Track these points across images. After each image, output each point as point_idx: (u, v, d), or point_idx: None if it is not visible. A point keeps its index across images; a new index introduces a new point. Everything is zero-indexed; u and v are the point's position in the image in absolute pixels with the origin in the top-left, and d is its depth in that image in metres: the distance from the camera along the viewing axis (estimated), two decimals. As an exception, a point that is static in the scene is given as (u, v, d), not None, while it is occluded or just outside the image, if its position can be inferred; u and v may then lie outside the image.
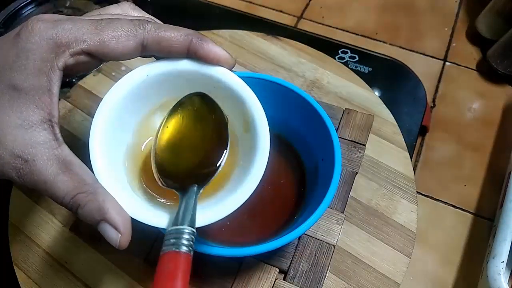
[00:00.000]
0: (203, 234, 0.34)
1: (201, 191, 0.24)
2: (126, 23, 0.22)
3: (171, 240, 0.19)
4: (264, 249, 0.28)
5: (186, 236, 0.19)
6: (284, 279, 0.33)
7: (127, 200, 0.22)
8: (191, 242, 0.19)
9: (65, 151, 0.22)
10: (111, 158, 0.24)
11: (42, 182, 0.21)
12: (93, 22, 0.22)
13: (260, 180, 0.24)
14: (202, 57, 0.25)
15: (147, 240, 0.34)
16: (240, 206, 0.23)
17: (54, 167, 0.21)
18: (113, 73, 0.45)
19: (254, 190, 0.23)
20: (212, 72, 0.26)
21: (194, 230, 0.20)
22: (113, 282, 0.33)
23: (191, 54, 0.25)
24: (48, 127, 0.22)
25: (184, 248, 0.19)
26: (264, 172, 0.24)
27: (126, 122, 0.26)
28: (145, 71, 0.25)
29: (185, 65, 0.25)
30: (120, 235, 0.23)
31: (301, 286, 0.33)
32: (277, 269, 0.34)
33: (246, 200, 0.23)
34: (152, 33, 0.23)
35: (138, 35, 0.22)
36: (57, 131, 0.22)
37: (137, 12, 0.26)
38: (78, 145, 0.41)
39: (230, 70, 0.26)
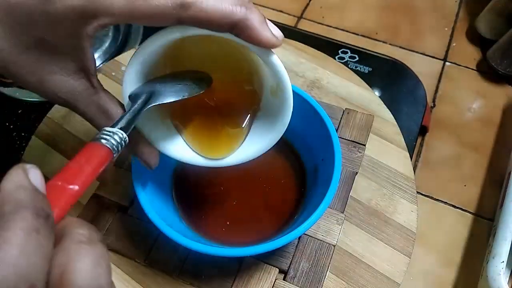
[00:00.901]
0: (203, 234, 0.34)
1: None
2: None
3: (99, 135, 0.20)
4: (264, 249, 0.28)
5: (115, 137, 0.20)
6: (284, 279, 0.33)
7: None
8: (117, 143, 0.20)
9: (103, 98, 0.24)
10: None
11: (86, 119, 0.25)
12: None
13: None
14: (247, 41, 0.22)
15: (147, 241, 0.35)
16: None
17: (93, 111, 0.24)
18: (113, 73, 0.45)
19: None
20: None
21: (125, 135, 0.21)
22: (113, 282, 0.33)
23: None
24: (84, 75, 0.23)
25: (104, 142, 0.19)
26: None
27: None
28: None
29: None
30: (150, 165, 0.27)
31: (301, 286, 0.33)
32: (277, 269, 0.34)
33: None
34: (191, 14, 0.20)
35: (174, 14, 0.20)
36: (94, 80, 0.23)
37: None
38: (78, 145, 0.41)
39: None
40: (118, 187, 0.37)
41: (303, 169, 0.37)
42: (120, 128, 0.21)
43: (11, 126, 0.46)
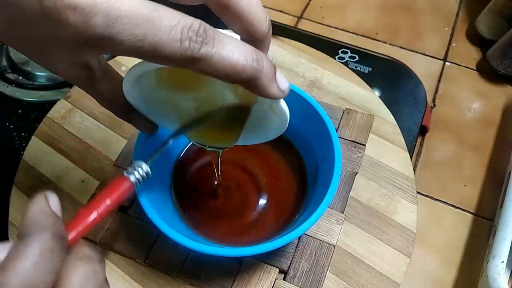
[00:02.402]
0: (203, 234, 0.34)
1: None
2: None
3: (128, 168, 0.23)
4: (264, 249, 0.28)
5: (139, 169, 0.23)
6: (284, 279, 0.33)
7: None
8: (140, 175, 0.23)
9: (104, 86, 0.24)
10: None
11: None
12: None
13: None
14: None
15: (147, 241, 0.34)
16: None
17: (99, 98, 0.25)
18: (113, 73, 0.45)
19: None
20: None
21: (147, 168, 0.23)
22: (113, 282, 0.33)
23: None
24: (86, 67, 0.22)
25: (129, 175, 0.22)
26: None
27: None
28: None
29: None
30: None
31: (301, 286, 0.33)
32: (277, 269, 0.34)
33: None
34: (199, 68, 0.19)
35: (183, 65, 0.19)
36: (98, 72, 0.23)
37: None
38: (78, 145, 0.41)
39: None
40: (118, 187, 0.37)
41: (303, 169, 0.37)
42: (146, 162, 0.23)
43: (11, 126, 0.46)
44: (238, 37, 0.21)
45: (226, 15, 0.19)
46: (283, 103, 0.25)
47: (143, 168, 0.23)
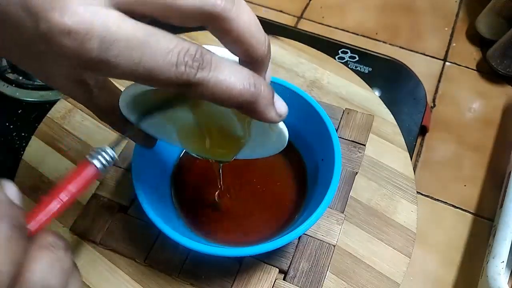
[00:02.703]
0: (203, 234, 0.34)
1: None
2: None
3: (92, 153, 0.22)
4: (264, 249, 0.28)
5: (104, 154, 0.22)
6: (284, 279, 0.33)
7: None
8: (105, 159, 0.22)
9: (101, 100, 0.25)
10: None
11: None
12: None
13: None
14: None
15: (147, 241, 0.34)
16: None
17: (96, 112, 0.26)
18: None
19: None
20: None
21: (112, 152, 0.23)
22: (113, 282, 0.33)
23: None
24: (82, 84, 0.23)
25: (93, 160, 0.22)
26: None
27: None
28: None
29: None
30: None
31: (301, 286, 0.33)
32: (277, 269, 0.34)
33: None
34: (197, 93, 0.18)
35: (179, 90, 0.18)
36: (94, 89, 0.24)
37: None
38: (78, 145, 0.41)
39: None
40: (118, 187, 0.37)
41: (303, 169, 0.37)
42: (112, 147, 0.22)
43: (11, 126, 0.46)
44: (236, 58, 0.20)
45: (225, 38, 0.19)
46: (281, 124, 0.25)
47: (108, 152, 0.22)
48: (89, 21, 0.16)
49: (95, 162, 0.21)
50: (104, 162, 0.22)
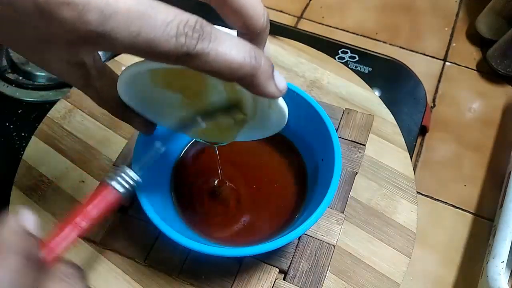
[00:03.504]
0: (203, 234, 0.34)
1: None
2: None
3: (115, 177, 0.21)
4: (264, 249, 0.28)
5: (124, 176, 0.21)
6: (284, 279, 0.33)
7: None
8: (128, 184, 0.21)
9: (100, 86, 0.24)
10: None
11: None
12: None
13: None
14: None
15: (147, 241, 0.34)
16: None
17: (95, 97, 0.25)
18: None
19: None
20: None
21: (136, 177, 0.22)
22: (113, 282, 0.33)
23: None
24: (81, 67, 0.22)
25: (116, 186, 0.21)
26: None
27: None
28: None
29: None
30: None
31: (301, 286, 0.33)
32: (277, 269, 0.34)
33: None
34: (195, 64, 0.18)
35: (179, 61, 0.18)
36: (93, 70, 0.23)
37: None
38: (78, 145, 0.41)
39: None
40: (118, 187, 0.37)
41: (303, 169, 0.37)
42: (133, 169, 0.22)
43: (11, 126, 0.46)
44: (235, 33, 0.20)
45: (224, 9, 0.19)
46: (281, 100, 0.24)
47: (130, 174, 0.21)
48: None
49: (115, 185, 0.21)
50: (125, 185, 0.21)
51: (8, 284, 0.15)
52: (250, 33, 0.20)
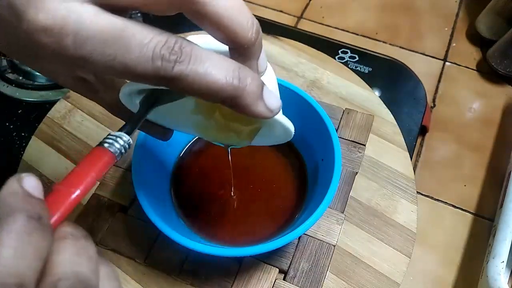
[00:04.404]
0: (203, 234, 0.34)
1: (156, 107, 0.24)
2: None
3: (104, 139, 0.21)
4: (264, 249, 0.28)
5: (120, 141, 0.21)
6: (284, 279, 0.33)
7: None
8: (121, 146, 0.20)
9: (101, 96, 0.25)
10: None
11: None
12: None
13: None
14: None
15: (147, 241, 0.34)
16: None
17: (102, 104, 0.25)
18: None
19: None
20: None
21: (129, 138, 0.21)
22: (113, 282, 0.33)
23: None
24: (81, 79, 0.23)
25: (109, 147, 0.20)
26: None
27: None
28: None
29: None
30: None
31: (301, 286, 0.33)
32: (277, 269, 0.34)
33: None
34: (177, 87, 0.17)
35: (159, 84, 0.18)
36: (94, 84, 0.23)
37: None
38: (78, 145, 0.41)
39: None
40: (118, 187, 0.37)
41: (304, 169, 0.37)
42: (125, 132, 0.21)
43: (11, 126, 0.46)
44: (226, 47, 0.19)
45: (203, 24, 0.17)
46: (279, 116, 0.22)
47: (124, 138, 0.21)
48: (62, 17, 0.15)
49: (112, 148, 0.20)
50: (120, 148, 0.20)
51: (13, 246, 0.13)
52: (236, 48, 0.18)
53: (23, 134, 0.45)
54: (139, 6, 0.17)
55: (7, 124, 0.46)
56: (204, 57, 0.17)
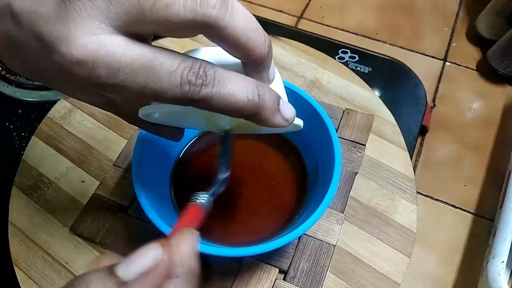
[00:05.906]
0: (203, 234, 0.34)
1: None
2: None
3: (199, 198, 0.25)
4: (264, 249, 0.28)
5: (206, 198, 0.26)
6: (284, 279, 0.33)
7: None
8: (204, 199, 0.25)
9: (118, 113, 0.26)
10: None
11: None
12: None
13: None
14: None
15: (147, 241, 0.34)
16: None
17: (121, 116, 0.27)
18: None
19: None
20: None
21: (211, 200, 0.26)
22: (113, 282, 0.33)
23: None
24: (98, 94, 0.23)
25: (202, 205, 0.25)
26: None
27: None
28: None
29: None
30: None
31: (301, 286, 0.33)
32: (277, 269, 0.34)
33: None
34: (201, 106, 0.19)
35: (185, 103, 0.19)
36: (111, 102, 0.25)
37: None
38: (78, 145, 0.41)
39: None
40: (118, 187, 0.37)
41: (304, 169, 0.37)
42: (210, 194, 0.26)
43: (11, 126, 0.46)
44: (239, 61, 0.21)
45: (222, 45, 0.19)
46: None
47: (208, 198, 0.26)
48: (95, 51, 0.17)
49: (203, 206, 0.25)
50: (206, 202, 0.25)
51: None
52: (252, 63, 0.20)
53: (23, 134, 0.45)
54: (161, 31, 0.18)
55: (7, 124, 0.46)
56: (226, 78, 0.18)
